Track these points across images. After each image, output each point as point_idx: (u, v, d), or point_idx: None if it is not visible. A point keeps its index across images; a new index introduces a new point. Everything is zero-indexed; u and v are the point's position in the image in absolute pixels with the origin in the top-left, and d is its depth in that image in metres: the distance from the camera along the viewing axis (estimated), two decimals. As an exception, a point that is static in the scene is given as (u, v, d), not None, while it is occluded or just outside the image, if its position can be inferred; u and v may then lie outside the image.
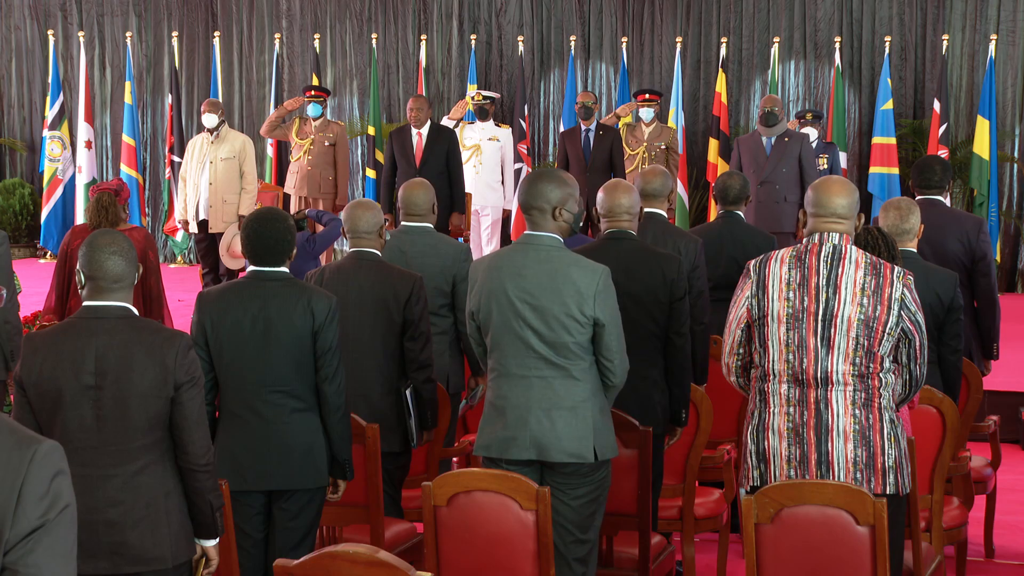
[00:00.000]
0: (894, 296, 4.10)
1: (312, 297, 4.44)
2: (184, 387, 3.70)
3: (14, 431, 2.03)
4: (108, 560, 3.67)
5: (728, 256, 6.41)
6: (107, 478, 3.68)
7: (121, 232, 3.83)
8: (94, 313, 3.72)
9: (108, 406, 3.66)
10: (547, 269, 4.36)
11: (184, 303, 10.39)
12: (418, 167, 9.97)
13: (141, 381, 3.66)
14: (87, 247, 3.74)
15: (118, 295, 3.73)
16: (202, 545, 3.85)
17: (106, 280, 3.71)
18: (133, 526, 3.68)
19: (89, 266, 3.72)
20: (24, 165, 15.33)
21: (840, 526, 3.88)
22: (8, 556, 1.99)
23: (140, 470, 3.70)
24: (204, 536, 3.84)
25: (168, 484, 3.74)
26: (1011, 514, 6.67)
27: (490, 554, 4.10)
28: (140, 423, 3.68)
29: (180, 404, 3.71)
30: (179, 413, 3.72)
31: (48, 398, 3.69)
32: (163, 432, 3.73)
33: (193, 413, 3.74)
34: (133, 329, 3.72)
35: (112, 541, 3.67)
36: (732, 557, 5.60)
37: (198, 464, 3.76)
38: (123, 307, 3.74)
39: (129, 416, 3.67)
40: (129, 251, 3.74)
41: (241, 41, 14.63)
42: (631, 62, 13.37)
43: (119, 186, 7.20)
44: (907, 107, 12.84)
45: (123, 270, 3.72)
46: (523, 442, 4.36)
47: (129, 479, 3.69)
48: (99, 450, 3.67)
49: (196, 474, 3.76)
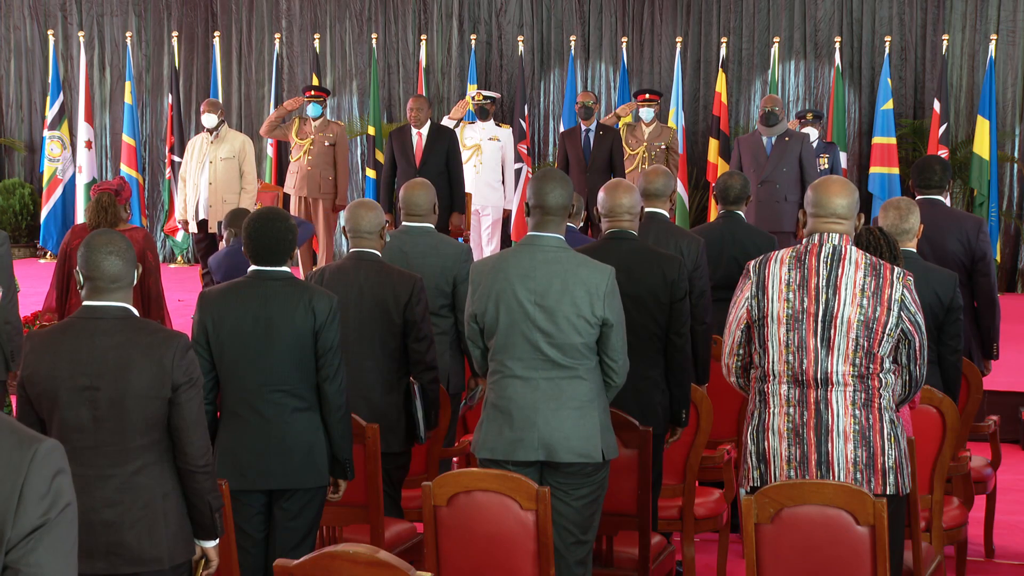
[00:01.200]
0: (894, 297, 4.10)
1: (313, 296, 4.44)
2: (182, 388, 3.70)
3: (15, 430, 2.04)
4: (105, 560, 3.67)
5: (729, 256, 6.41)
6: (105, 478, 3.68)
7: (119, 232, 3.83)
8: (93, 313, 3.72)
9: (105, 406, 3.66)
10: (556, 270, 4.37)
11: (184, 303, 10.39)
12: (418, 167, 9.96)
13: (139, 382, 3.66)
14: (85, 247, 3.74)
15: (117, 295, 3.73)
16: (202, 546, 3.85)
17: (103, 280, 3.71)
18: (130, 527, 3.68)
19: (87, 266, 3.72)
20: (24, 165, 15.32)
21: (840, 526, 3.88)
22: (10, 555, 1.99)
23: (138, 471, 3.70)
24: (204, 537, 3.84)
25: (166, 485, 3.74)
26: (1011, 514, 6.67)
27: (490, 554, 4.10)
28: (138, 424, 3.68)
29: (178, 405, 3.71)
30: (177, 414, 3.72)
31: (46, 397, 3.70)
32: (161, 433, 3.73)
33: (191, 414, 3.73)
34: (131, 329, 3.72)
35: (109, 541, 3.67)
36: (732, 557, 5.60)
37: (196, 465, 3.76)
38: (122, 307, 3.74)
39: (127, 417, 3.67)
40: (127, 251, 3.74)
41: (241, 41, 14.62)
42: (631, 62, 13.37)
43: (120, 185, 7.19)
44: (907, 107, 12.84)
45: (120, 270, 3.72)
46: (531, 443, 4.36)
47: (127, 480, 3.69)
48: (97, 450, 3.67)
49: (195, 475, 3.76)
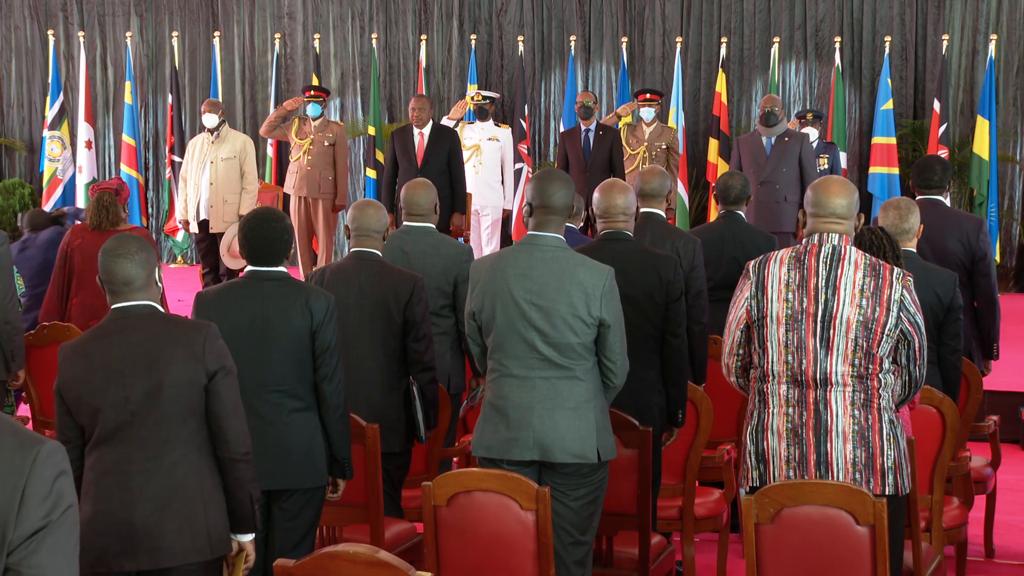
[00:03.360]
0: (893, 297, 4.10)
1: (310, 296, 4.44)
2: (218, 375, 3.74)
3: (16, 432, 2.04)
4: (148, 555, 3.68)
5: (729, 256, 6.42)
6: (145, 472, 3.70)
7: (130, 236, 3.86)
8: (120, 314, 3.79)
9: (141, 400, 3.69)
10: (553, 269, 4.36)
11: (184, 303, 10.39)
12: (420, 167, 9.96)
13: (174, 372, 3.70)
14: (100, 254, 3.81)
15: (137, 295, 3.78)
16: (239, 540, 3.85)
17: (116, 284, 3.77)
18: (171, 519, 3.69)
19: (102, 272, 3.80)
20: (24, 165, 15.32)
21: (840, 526, 3.88)
22: (11, 557, 1.99)
23: (176, 463, 3.71)
24: (242, 530, 3.84)
25: (205, 478, 3.75)
26: (1011, 514, 6.67)
27: (490, 554, 4.10)
28: (175, 415, 3.70)
29: (215, 394, 3.74)
30: (215, 402, 3.74)
31: (84, 403, 3.73)
32: (199, 423, 3.75)
33: (230, 401, 3.76)
34: (159, 323, 3.78)
35: (151, 535, 3.68)
36: (732, 557, 5.60)
37: (238, 453, 3.77)
38: (147, 305, 3.80)
39: (163, 408, 3.69)
40: (137, 252, 3.78)
41: (242, 41, 14.62)
42: (631, 62, 13.37)
43: (119, 185, 7.20)
44: (907, 107, 12.85)
45: (131, 272, 3.76)
46: (526, 443, 4.36)
47: (166, 472, 3.70)
48: (137, 444, 3.70)
49: (236, 463, 3.77)
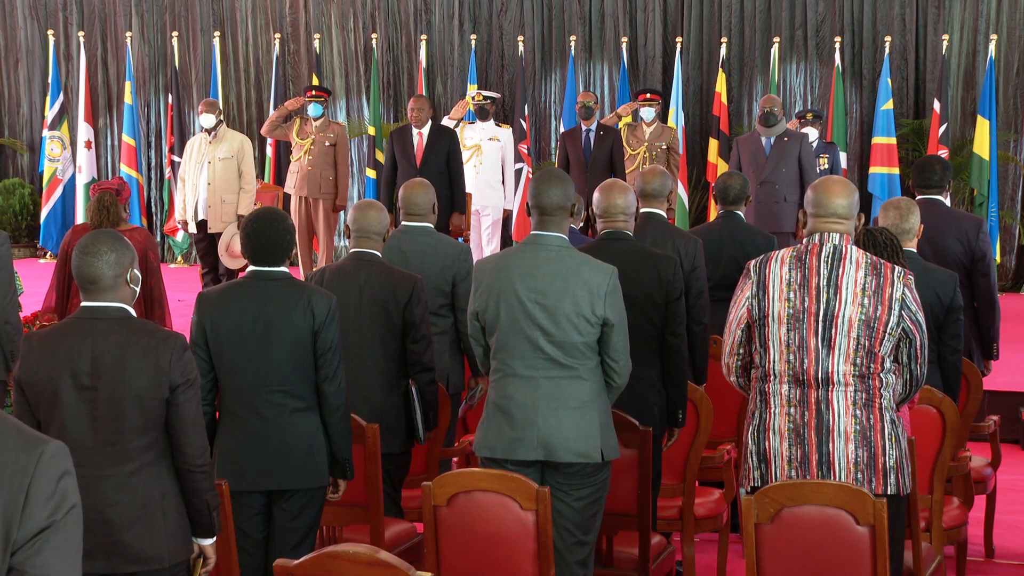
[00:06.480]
0: (895, 296, 4.10)
1: (312, 297, 4.44)
2: (180, 389, 3.72)
3: (20, 432, 2.04)
4: (105, 560, 3.69)
5: (728, 256, 6.42)
6: (104, 478, 3.69)
7: (112, 233, 3.80)
8: (91, 314, 3.74)
9: (103, 407, 3.68)
10: (558, 269, 4.36)
11: (184, 303, 10.39)
12: (419, 167, 9.96)
13: (136, 382, 3.68)
14: (73, 248, 3.78)
15: (105, 295, 3.73)
16: (199, 544, 3.88)
17: (82, 281, 3.73)
18: (130, 526, 3.70)
19: (72, 267, 3.77)
20: (24, 165, 15.32)
21: (840, 526, 3.89)
22: (15, 556, 2.00)
23: (136, 471, 3.72)
24: (201, 535, 3.86)
25: (165, 484, 3.76)
26: (1011, 514, 6.67)
27: (490, 554, 4.10)
28: (135, 424, 3.70)
29: (176, 406, 3.73)
30: (175, 415, 3.74)
31: (44, 398, 3.72)
32: (159, 433, 3.75)
33: (189, 415, 3.75)
34: (128, 330, 3.73)
35: (109, 541, 3.69)
36: (732, 557, 5.60)
37: (195, 465, 3.78)
38: (120, 308, 3.75)
39: (124, 417, 3.69)
40: (107, 252, 3.71)
41: (242, 41, 14.62)
42: (631, 62, 13.37)
43: (120, 185, 7.20)
44: (907, 107, 12.85)
45: (97, 271, 3.70)
46: (530, 442, 4.36)
47: (125, 479, 3.71)
48: (95, 450, 3.69)
49: (193, 475, 3.79)
